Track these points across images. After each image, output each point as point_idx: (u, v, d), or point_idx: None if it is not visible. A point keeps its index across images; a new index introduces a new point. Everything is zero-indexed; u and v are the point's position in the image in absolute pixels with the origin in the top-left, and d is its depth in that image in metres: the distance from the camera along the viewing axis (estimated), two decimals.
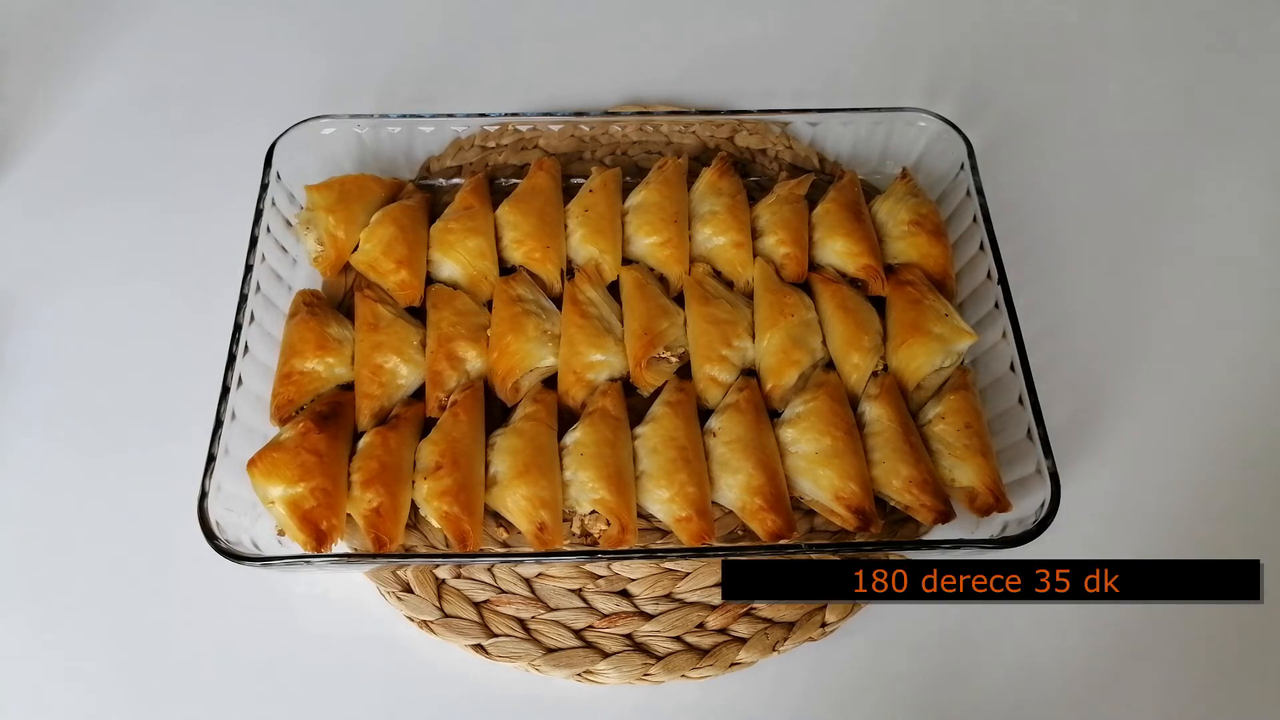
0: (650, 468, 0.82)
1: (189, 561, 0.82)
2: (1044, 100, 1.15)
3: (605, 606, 0.83)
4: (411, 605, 0.81)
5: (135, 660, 0.81)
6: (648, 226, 0.95)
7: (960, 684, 0.81)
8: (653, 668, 0.80)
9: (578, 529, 0.82)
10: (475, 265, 0.93)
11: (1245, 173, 1.11)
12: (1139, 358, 0.98)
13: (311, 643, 0.82)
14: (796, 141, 1.08)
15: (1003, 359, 0.87)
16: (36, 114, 1.13)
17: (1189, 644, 0.83)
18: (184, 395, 0.90)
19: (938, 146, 1.00)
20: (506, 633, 0.81)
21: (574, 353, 0.88)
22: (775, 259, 0.96)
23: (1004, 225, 0.96)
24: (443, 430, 0.83)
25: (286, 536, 0.79)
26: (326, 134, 0.99)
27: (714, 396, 0.88)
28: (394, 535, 0.78)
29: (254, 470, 0.78)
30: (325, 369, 0.87)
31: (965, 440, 0.83)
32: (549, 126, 1.06)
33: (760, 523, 0.80)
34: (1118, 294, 1.02)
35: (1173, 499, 0.90)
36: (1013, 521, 0.80)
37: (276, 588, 0.84)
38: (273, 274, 0.93)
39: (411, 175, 1.06)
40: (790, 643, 0.81)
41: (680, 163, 1.00)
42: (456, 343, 0.88)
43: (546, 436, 0.84)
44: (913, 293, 0.91)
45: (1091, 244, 1.05)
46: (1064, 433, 0.88)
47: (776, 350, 0.88)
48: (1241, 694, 0.82)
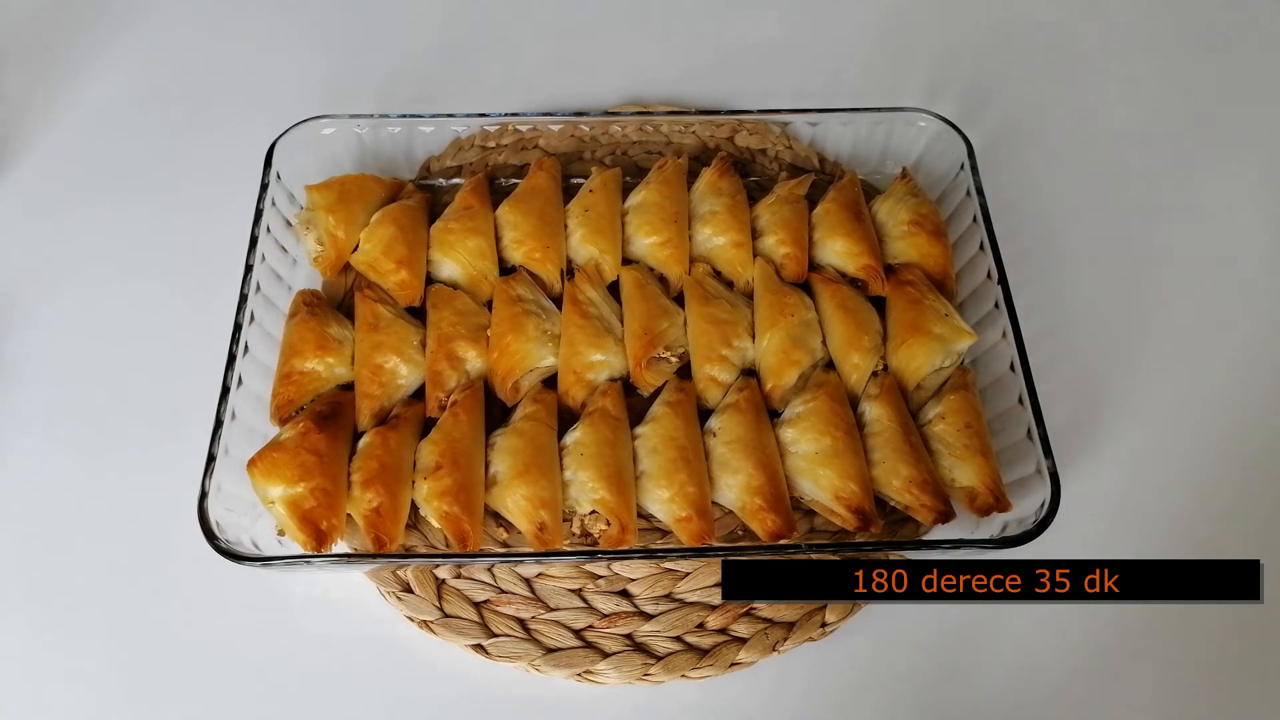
0: (650, 468, 0.82)
1: (189, 561, 0.82)
2: (1044, 100, 1.15)
3: (605, 606, 0.83)
4: (411, 605, 0.81)
5: (135, 660, 0.81)
6: (648, 226, 0.95)
7: (960, 684, 0.81)
8: (653, 668, 0.80)
9: (578, 529, 0.82)
10: (475, 265, 0.93)
11: (1246, 172, 1.11)
12: (1139, 358, 0.98)
13: (311, 643, 0.82)
14: (796, 141, 1.08)
15: (1003, 359, 0.87)
16: (36, 114, 1.13)
17: (1189, 644, 0.83)
18: (184, 395, 0.90)
19: (938, 146, 1.00)
20: (506, 633, 0.81)
21: (574, 353, 0.88)
22: (775, 259, 0.96)
23: (1004, 225, 0.96)
24: (443, 430, 0.83)
25: (286, 536, 0.79)
26: (326, 134, 0.99)
27: (714, 396, 0.88)
28: (394, 535, 0.78)
29: (254, 470, 0.78)
30: (325, 369, 0.87)
31: (965, 440, 0.83)
32: (549, 126, 1.06)
33: (760, 523, 0.80)
34: (1118, 294, 1.02)
35: (1173, 499, 0.90)
36: (1013, 521, 0.80)
37: (276, 588, 0.84)
38: (273, 274, 0.93)
39: (411, 175, 1.06)
40: (790, 643, 0.81)
41: (680, 163, 1.00)
42: (456, 343, 0.88)
43: (546, 436, 0.84)
44: (912, 293, 0.91)
45: (1091, 244, 1.05)
46: (1064, 433, 0.88)
47: (776, 350, 0.88)
48: (1241, 694, 0.82)
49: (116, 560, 0.85)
